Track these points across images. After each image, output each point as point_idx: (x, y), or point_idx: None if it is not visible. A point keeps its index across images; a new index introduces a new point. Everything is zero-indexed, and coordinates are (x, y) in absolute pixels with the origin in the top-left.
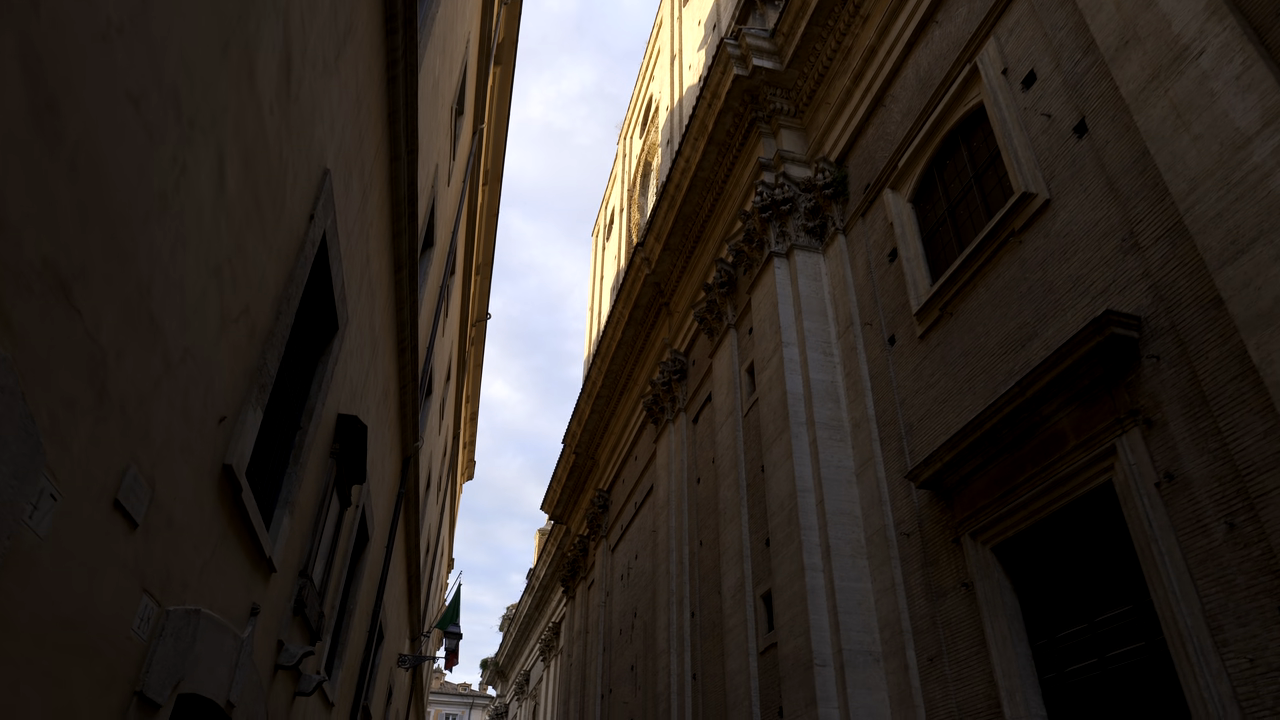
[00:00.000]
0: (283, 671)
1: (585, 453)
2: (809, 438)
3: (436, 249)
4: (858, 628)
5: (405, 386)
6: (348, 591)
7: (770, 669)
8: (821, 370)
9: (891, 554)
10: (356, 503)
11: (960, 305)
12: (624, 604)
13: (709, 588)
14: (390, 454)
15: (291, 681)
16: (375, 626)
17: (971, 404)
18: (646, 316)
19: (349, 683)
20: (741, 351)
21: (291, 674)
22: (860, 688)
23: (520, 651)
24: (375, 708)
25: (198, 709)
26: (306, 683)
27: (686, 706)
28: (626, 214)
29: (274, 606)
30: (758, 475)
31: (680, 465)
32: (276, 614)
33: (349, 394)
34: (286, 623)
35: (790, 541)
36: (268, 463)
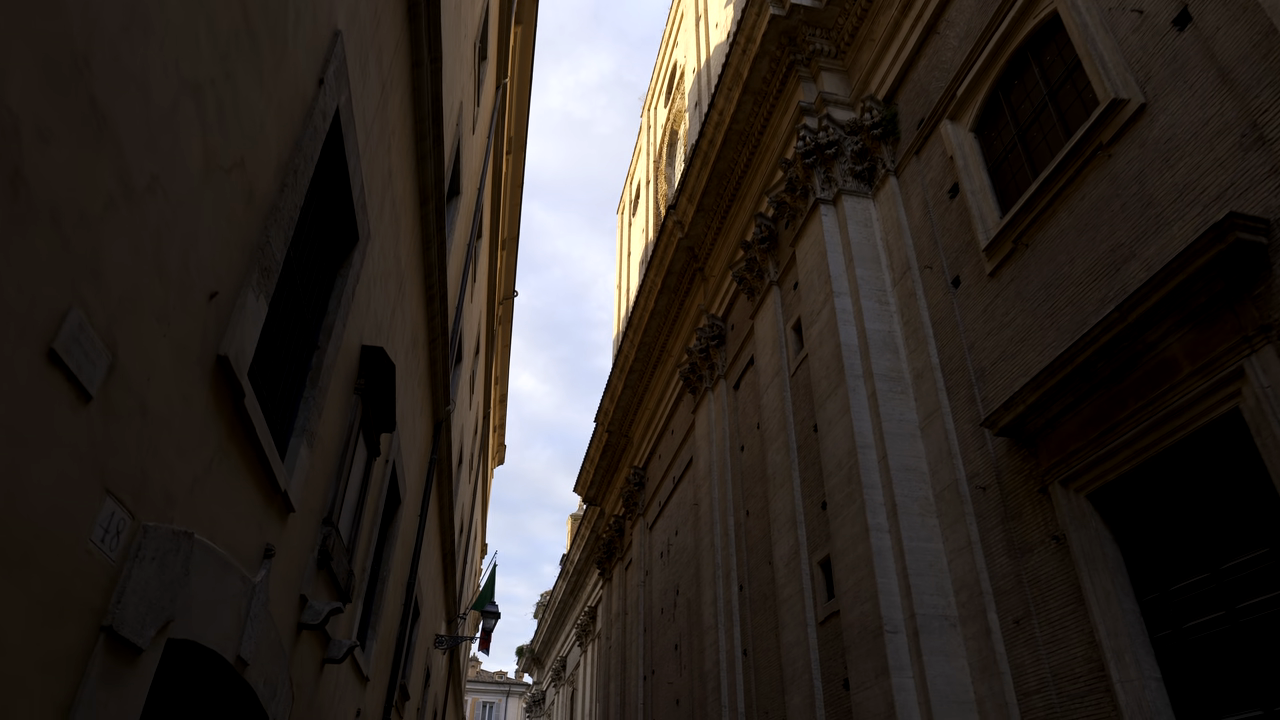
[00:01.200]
0: (308, 633)
1: (618, 430)
2: (867, 391)
3: (463, 200)
4: (931, 590)
5: (435, 340)
6: (380, 556)
7: (832, 639)
8: (878, 320)
9: (965, 510)
10: (386, 456)
11: (1037, 235)
12: (665, 582)
13: (758, 559)
14: (421, 414)
15: (319, 646)
16: (410, 600)
17: (1056, 340)
18: (680, 284)
19: (384, 658)
20: (786, 309)
21: (318, 637)
22: (937, 654)
23: (555, 638)
24: (413, 689)
25: (199, 663)
26: (336, 648)
27: (738, 684)
28: (653, 186)
29: (293, 554)
30: (809, 436)
31: (722, 434)
32: (297, 563)
33: (374, 326)
34: (310, 576)
35: (851, 502)
36: (280, 379)
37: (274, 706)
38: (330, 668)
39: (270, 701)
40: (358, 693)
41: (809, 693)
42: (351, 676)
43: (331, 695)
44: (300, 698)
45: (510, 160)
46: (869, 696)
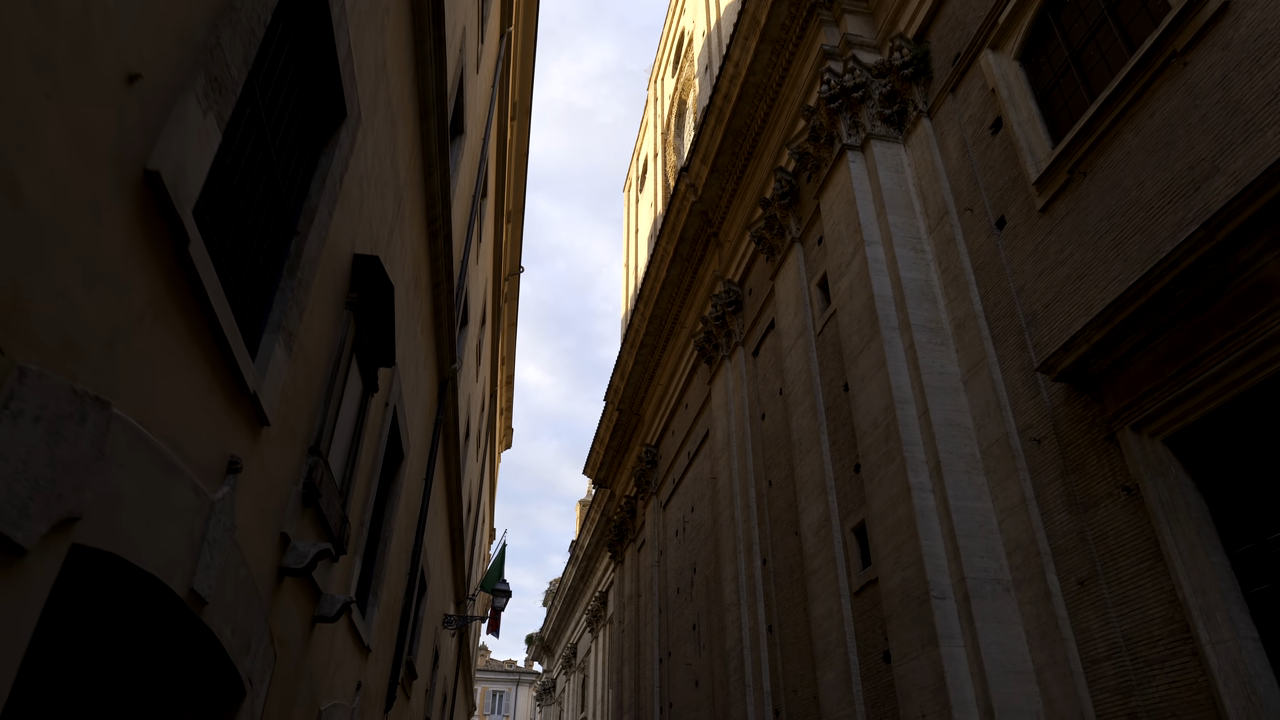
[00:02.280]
0: (292, 581)
1: (629, 409)
2: (904, 343)
3: (467, 144)
4: (981, 553)
5: (439, 287)
6: (381, 513)
7: (869, 610)
8: (913, 268)
9: (1018, 465)
10: (386, 398)
11: (1097, 162)
12: (680, 561)
13: (782, 530)
14: (424, 367)
15: (307, 599)
16: (416, 569)
17: (1122, 272)
18: (693, 251)
19: (388, 629)
20: (810, 266)
21: (305, 588)
22: (990, 621)
23: (565, 625)
24: (421, 668)
25: (140, 595)
26: (328, 604)
27: (762, 662)
28: (661, 158)
29: (271, 479)
30: (839, 396)
31: (740, 403)
32: (276, 493)
33: (368, 237)
34: (293, 512)
35: (889, 461)
36: (246, 254)
37: (247, 663)
38: (322, 629)
39: (242, 656)
40: (357, 664)
41: (843, 668)
42: (349, 643)
43: (325, 662)
44: (285, 658)
45: (515, 127)
46: (914, 668)
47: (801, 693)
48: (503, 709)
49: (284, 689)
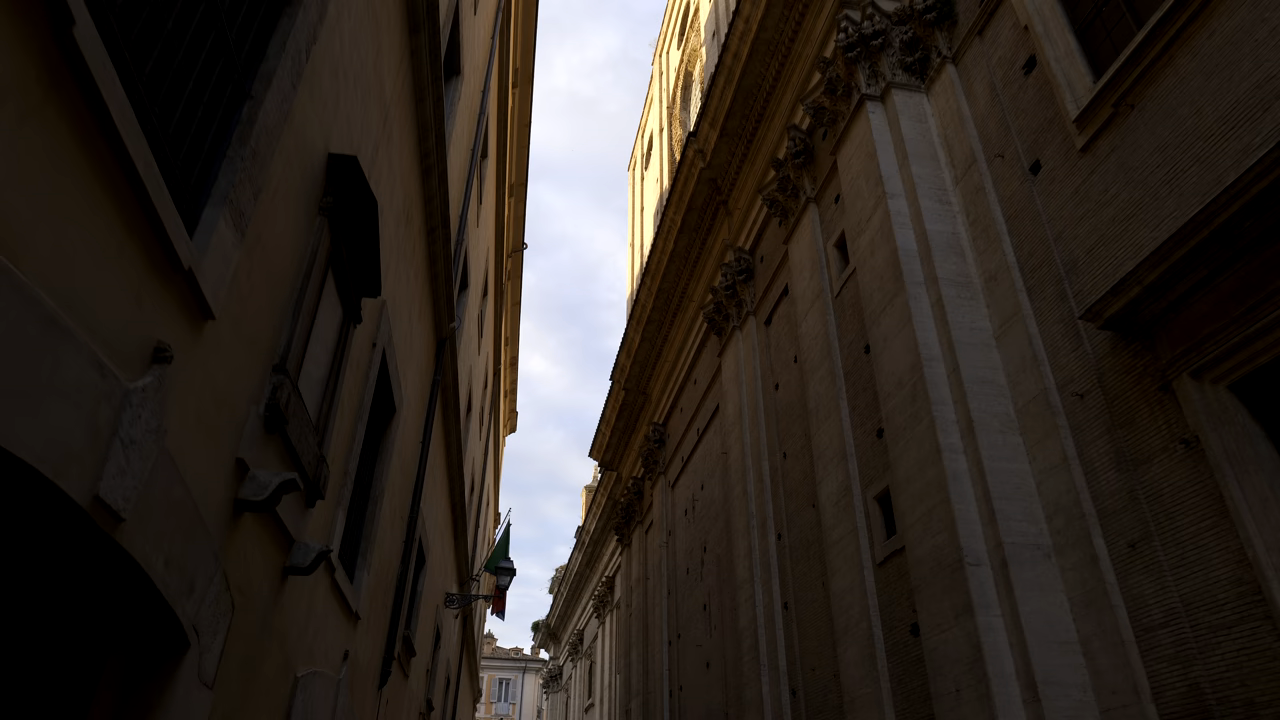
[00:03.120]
0: (254, 519)
1: (636, 388)
2: (931, 298)
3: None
4: (1019, 516)
5: (434, 232)
6: (370, 470)
7: (894, 581)
8: (939, 221)
9: (1058, 423)
10: (374, 340)
11: (1146, 92)
12: (689, 540)
13: (798, 503)
14: (419, 319)
15: (275, 545)
16: (412, 537)
17: (1177, 208)
18: (701, 221)
19: (380, 598)
20: (826, 226)
21: (272, 531)
22: (1030, 589)
23: (572, 612)
24: (421, 645)
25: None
26: (302, 553)
27: (778, 640)
28: (666, 133)
29: (221, 388)
30: (859, 359)
31: (753, 374)
32: (229, 406)
33: (345, 137)
34: (253, 436)
35: (916, 422)
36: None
37: (191, 608)
38: (298, 585)
39: (183, 599)
40: (344, 631)
41: (867, 643)
42: (333, 606)
43: (302, 623)
44: (247, 611)
45: (517, 96)
46: (947, 640)
47: (820, 671)
48: (509, 696)
49: (247, 646)
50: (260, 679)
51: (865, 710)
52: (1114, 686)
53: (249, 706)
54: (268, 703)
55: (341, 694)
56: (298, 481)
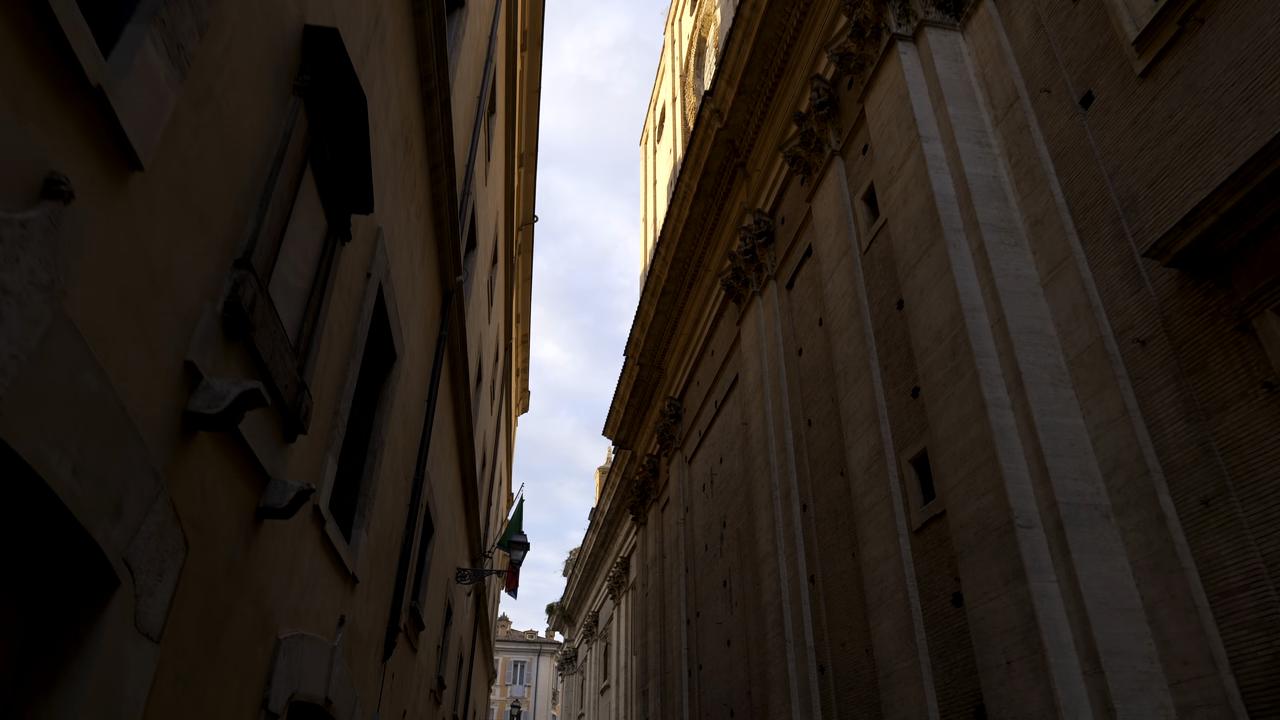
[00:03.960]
0: (212, 441)
1: (650, 363)
2: (972, 245)
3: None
4: (1073, 475)
5: (437, 169)
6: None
7: (933, 548)
8: (979, 164)
9: (1116, 373)
10: (369, 269)
11: (1218, 3)
12: (708, 516)
13: (825, 471)
14: (423, 264)
15: (244, 479)
16: (418, 501)
17: (1258, 127)
18: (718, 185)
19: (383, 565)
20: (853, 180)
21: (237, 456)
22: (1088, 552)
23: (586, 594)
24: (430, 620)
25: None
26: (279, 492)
27: (804, 615)
28: (680, 102)
29: (156, 263)
30: (891, 316)
31: (774, 340)
32: (171, 291)
33: (324, 10)
34: (208, 337)
35: (958, 377)
36: None
37: (118, 536)
38: (279, 534)
39: (105, 521)
40: (339, 593)
41: (903, 614)
42: (325, 564)
43: (285, 578)
44: (208, 553)
45: (526, 59)
46: (996, 608)
47: (851, 645)
48: (524, 679)
49: (209, 597)
50: (229, 637)
51: (902, 686)
52: (1185, 656)
53: (215, 669)
54: (240, 665)
55: (337, 662)
56: (263, 394)
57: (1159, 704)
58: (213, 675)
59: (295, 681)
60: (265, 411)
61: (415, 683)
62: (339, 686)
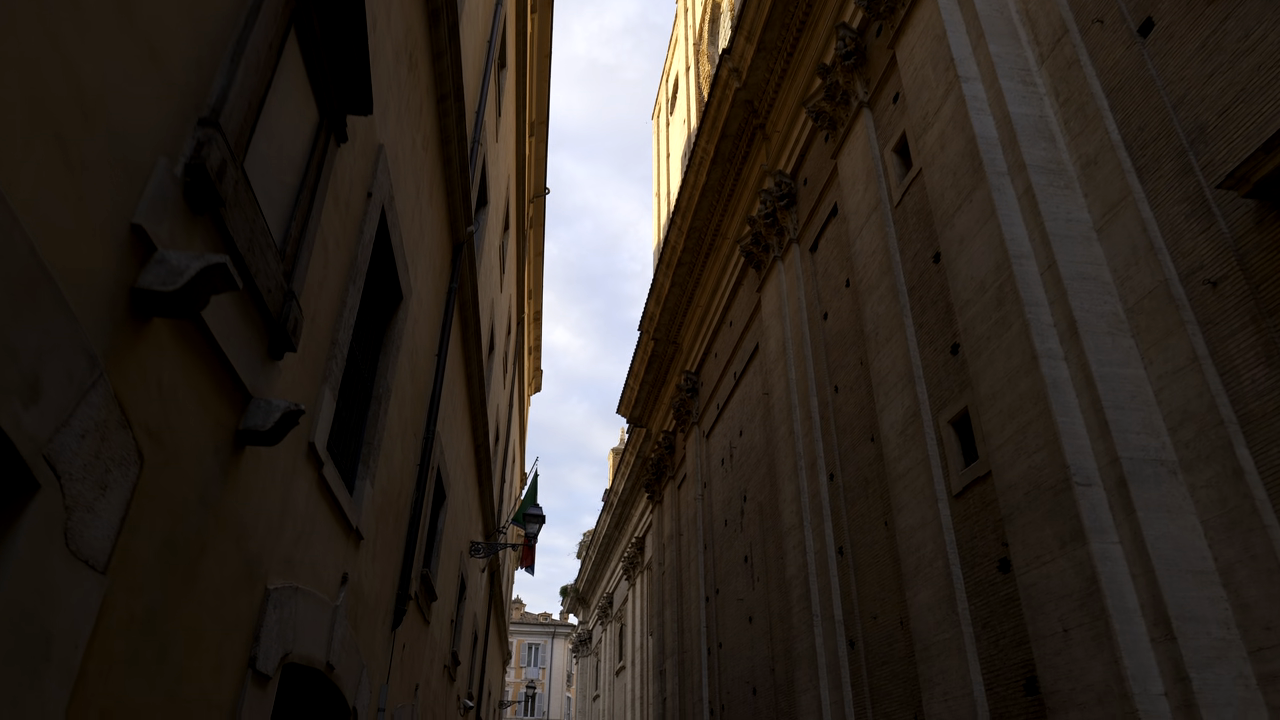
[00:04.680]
0: (174, 334)
1: (666, 337)
2: (1018, 189)
3: None
4: (1136, 428)
5: (445, 99)
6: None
7: (975, 513)
8: (1023, 104)
9: (1183, 317)
10: (369, 188)
11: None
12: (727, 491)
13: (853, 438)
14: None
15: (217, 392)
16: (428, 460)
17: None
18: (736, 149)
19: (391, 525)
20: (882, 131)
21: (208, 360)
22: (1154, 510)
23: (601, 575)
24: (443, 591)
25: None
26: (260, 413)
27: (832, 588)
28: (693, 72)
29: (82, 80)
30: (926, 270)
31: (797, 306)
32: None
33: None
34: (163, 201)
35: (1004, 329)
36: None
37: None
38: (264, 462)
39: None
40: (341, 548)
41: (943, 584)
42: (323, 511)
43: (275, 520)
44: (172, 472)
45: (536, 21)
46: (1050, 573)
47: (884, 618)
48: (539, 661)
49: (175, 526)
50: (205, 580)
51: (943, 658)
52: (1268, 621)
53: (185, 614)
54: (220, 614)
55: (340, 624)
56: (231, 274)
57: (1238, 673)
58: (182, 622)
59: (289, 640)
60: (244, 316)
61: (428, 656)
62: (342, 651)
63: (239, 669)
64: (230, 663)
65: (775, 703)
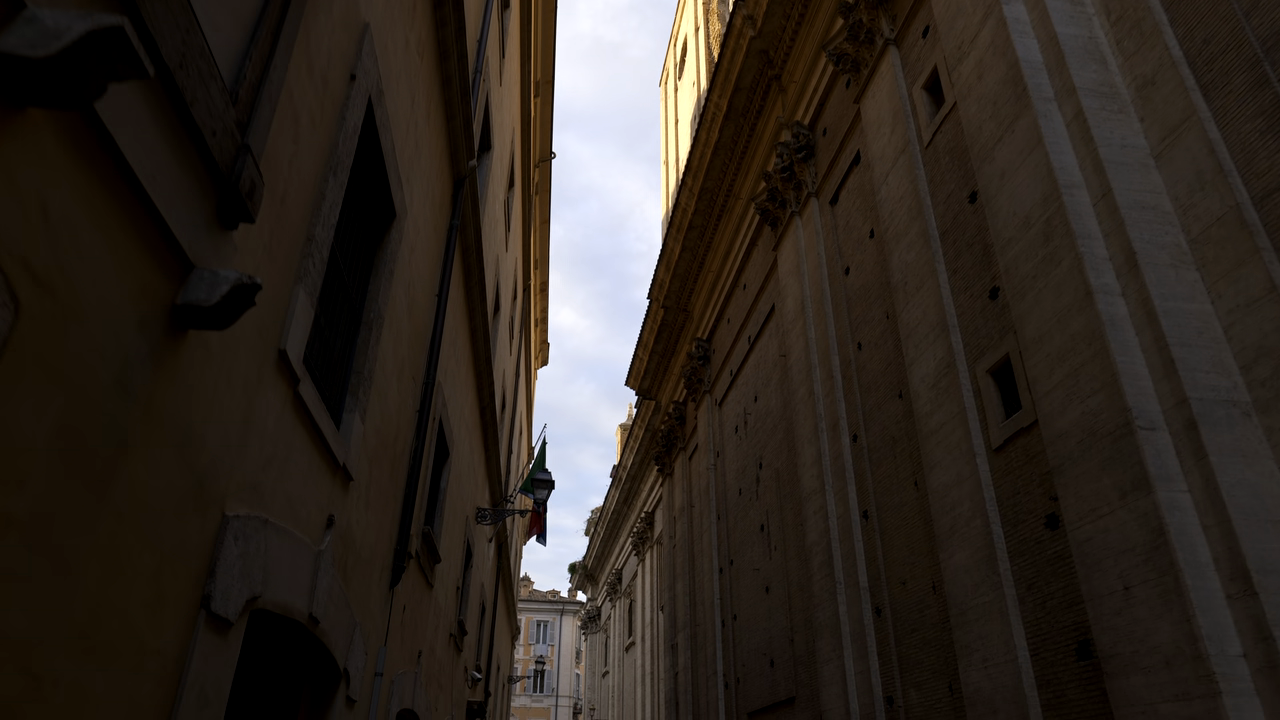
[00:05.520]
0: (54, 126)
1: (676, 305)
2: (1066, 114)
3: None
4: (1205, 367)
5: (442, 3)
6: (363, 283)
7: (1018, 467)
8: (1070, 24)
9: (1258, 244)
10: (353, 71)
11: None
12: (741, 459)
13: (879, 396)
14: (428, 123)
15: (138, 241)
16: (428, 407)
17: None
18: (750, 103)
19: (387, 472)
20: (910, 69)
21: (112, 182)
22: (1229, 455)
23: (609, 552)
24: (448, 555)
25: None
26: (204, 285)
27: (857, 553)
28: (703, 32)
29: None
30: (960, 212)
31: (817, 262)
32: None
33: None
34: None
35: (1053, 265)
36: None
37: None
38: (217, 362)
39: None
40: (324, 484)
41: (982, 543)
42: (301, 437)
43: (236, 435)
44: (75, 335)
45: None
46: (1109, 526)
47: (914, 584)
48: (547, 639)
49: (74, 405)
50: (128, 486)
51: (982, 622)
52: None
53: (101, 527)
54: (159, 537)
55: (325, 572)
56: (133, 48)
57: None
58: (97, 539)
59: (257, 582)
60: (178, 155)
61: (433, 623)
62: (329, 603)
63: (186, 608)
64: (173, 598)
65: (794, 674)
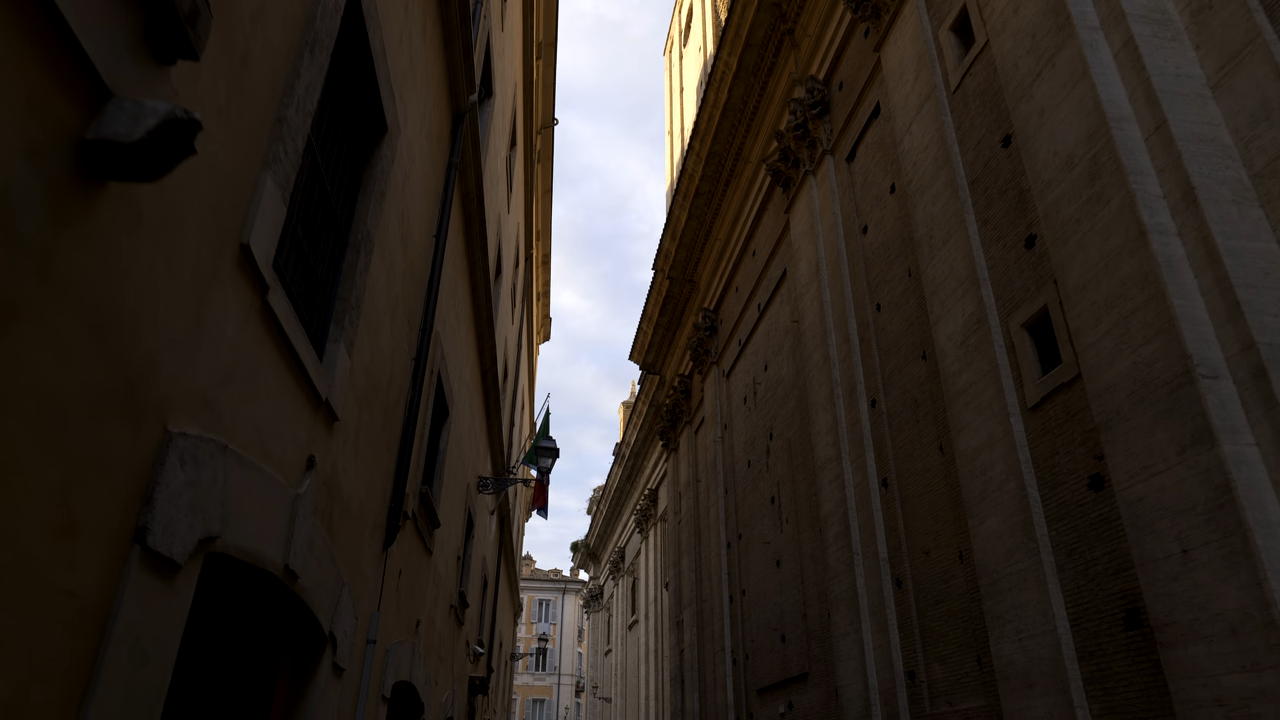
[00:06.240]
0: None
1: (682, 275)
2: (1114, 44)
3: None
4: (1273, 310)
5: None
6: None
7: (1057, 425)
8: None
9: None
10: None
11: None
12: (750, 430)
13: (900, 358)
14: (425, 42)
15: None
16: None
17: None
18: (761, 60)
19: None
20: (935, 10)
21: None
22: None
23: (612, 530)
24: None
25: None
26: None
27: (876, 523)
28: None
29: None
30: (993, 157)
31: (832, 222)
32: None
33: None
34: None
35: (1100, 205)
36: None
37: None
38: (153, 238)
39: None
40: (302, 418)
41: (1017, 508)
42: (271, 356)
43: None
44: None
45: None
46: (1164, 484)
47: (937, 553)
48: (549, 617)
49: None
50: (18, 361)
51: (1016, 592)
52: None
53: None
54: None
55: (303, 519)
56: None
57: None
58: None
59: (213, 519)
60: None
61: (433, 592)
62: (309, 555)
63: (112, 541)
64: (92, 526)
65: (808, 649)
